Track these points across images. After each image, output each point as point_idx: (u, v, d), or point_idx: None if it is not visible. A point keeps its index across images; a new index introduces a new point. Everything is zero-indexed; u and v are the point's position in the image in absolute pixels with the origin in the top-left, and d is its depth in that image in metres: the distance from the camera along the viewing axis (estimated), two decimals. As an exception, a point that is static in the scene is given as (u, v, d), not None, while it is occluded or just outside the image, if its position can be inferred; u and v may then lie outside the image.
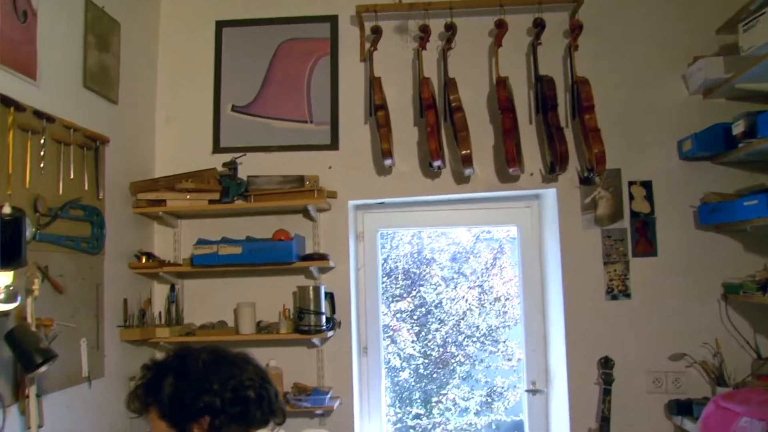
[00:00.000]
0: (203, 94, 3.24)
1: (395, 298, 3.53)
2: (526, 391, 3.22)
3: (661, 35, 3.05)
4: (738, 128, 2.62)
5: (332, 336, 3.07)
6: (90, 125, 2.60)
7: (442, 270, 3.57)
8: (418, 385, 3.53)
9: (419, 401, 3.53)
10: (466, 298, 3.54)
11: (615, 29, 3.07)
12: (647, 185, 3.00)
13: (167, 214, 3.06)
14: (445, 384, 3.53)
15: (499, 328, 3.53)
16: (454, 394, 3.53)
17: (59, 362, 2.00)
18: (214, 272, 3.07)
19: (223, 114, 3.23)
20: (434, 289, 3.56)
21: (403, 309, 3.56)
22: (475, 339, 3.54)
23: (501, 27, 2.93)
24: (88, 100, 2.67)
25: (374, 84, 2.94)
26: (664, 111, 3.02)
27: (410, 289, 3.56)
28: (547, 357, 3.20)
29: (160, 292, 3.17)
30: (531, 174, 3.06)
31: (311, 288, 2.94)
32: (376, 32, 3.02)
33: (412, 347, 3.55)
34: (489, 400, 3.53)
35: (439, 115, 2.96)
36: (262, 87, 3.22)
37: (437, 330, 3.55)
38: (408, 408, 3.51)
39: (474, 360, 3.53)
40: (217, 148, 3.21)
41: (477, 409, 3.52)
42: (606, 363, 2.92)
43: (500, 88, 2.88)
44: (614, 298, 2.99)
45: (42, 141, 2.29)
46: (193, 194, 2.99)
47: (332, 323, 3.02)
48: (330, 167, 3.14)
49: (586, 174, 2.98)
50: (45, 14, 2.35)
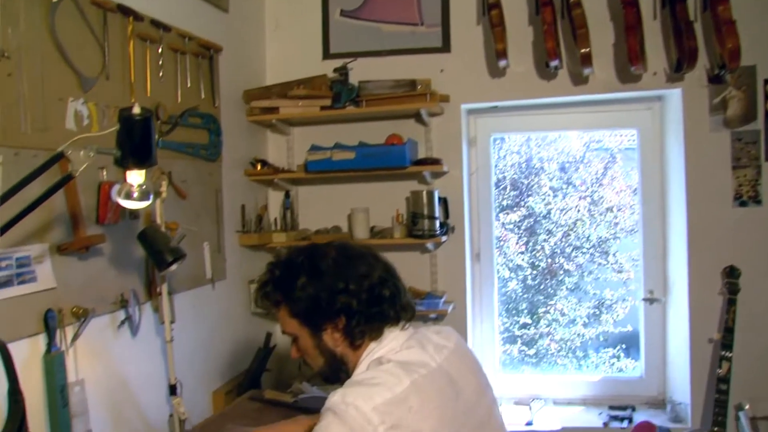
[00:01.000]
0: (312, 0, 3.20)
1: (504, 210, 3.48)
2: (643, 300, 3.15)
3: None
4: None
5: (446, 241, 3.07)
6: (203, 34, 2.62)
7: (551, 180, 3.48)
8: (526, 296, 3.51)
9: (526, 311, 3.52)
10: (578, 208, 3.45)
11: None
12: (786, 82, 2.77)
13: (280, 122, 3.09)
14: (553, 295, 3.50)
15: (609, 240, 3.43)
16: (562, 305, 3.49)
17: (185, 264, 2.08)
18: (328, 178, 3.11)
19: (332, 19, 3.18)
20: (542, 200, 3.48)
21: (512, 220, 3.51)
22: (585, 250, 3.46)
23: None
24: (201, 9, 2.68)
25: (488, -20, 2.82)
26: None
27: (518, 200, 3.50)
28: (666, 266, 3.10)
29: (275, 199, 3.25)
30: (654, 73, 2.89)
31: (425, 192, 2.91)
32: (490, -76, 2.86)
33: (521, 257, 3.52)
34: (597, 312, 3.47)
35: (556, 12, 2.80)
36: (371, -10, 3.14)
37: (545, 240, 3.49)
38: (515, 318, 3.51)
39: (583, 271, 3.47)
40: (327, 54, 3.19)
41: (585, 321, 3.48)
42: (732, 272, 2.80)
43: (624, -20, 2.70)
44: (743, 205, 2.83)
45: (159, 50, 2.33)
46: (305, 101, 3.00)
47: (446, 228, 3.02)
48: (442, 70, 3.07)
49: (717, 72, 2.78)
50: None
